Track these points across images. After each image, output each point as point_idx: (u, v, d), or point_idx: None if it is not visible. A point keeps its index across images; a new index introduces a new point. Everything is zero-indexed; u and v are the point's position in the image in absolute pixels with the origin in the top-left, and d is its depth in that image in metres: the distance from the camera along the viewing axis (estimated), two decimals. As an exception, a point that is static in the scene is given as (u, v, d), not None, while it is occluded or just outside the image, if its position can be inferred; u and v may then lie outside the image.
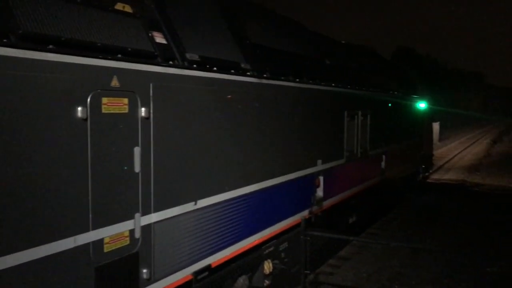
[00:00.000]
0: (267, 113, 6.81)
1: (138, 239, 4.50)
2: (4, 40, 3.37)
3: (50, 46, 3.68)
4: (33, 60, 3.52)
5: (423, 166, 19.42)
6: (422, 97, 17.62)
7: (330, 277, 8.87)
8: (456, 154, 34.09)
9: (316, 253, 7.41)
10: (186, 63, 5.19)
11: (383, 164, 12.62)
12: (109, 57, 4.16)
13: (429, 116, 19.55)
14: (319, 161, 8.53)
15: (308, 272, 6.89)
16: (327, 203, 8.97)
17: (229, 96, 5.91)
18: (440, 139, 40.50)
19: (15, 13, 3.51)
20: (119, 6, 4.84)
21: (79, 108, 3.85)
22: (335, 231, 9.40)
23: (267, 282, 6.92)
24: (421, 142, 18.09)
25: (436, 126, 21.72)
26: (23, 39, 3.50)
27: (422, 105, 17.32)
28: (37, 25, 3.65)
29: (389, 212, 14.38)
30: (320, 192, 8.65)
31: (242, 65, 6.30)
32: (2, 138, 3.32)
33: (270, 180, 6.85)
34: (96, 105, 4.00)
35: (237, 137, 6.08)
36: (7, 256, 3.37)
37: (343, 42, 12.39)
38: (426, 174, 20.93)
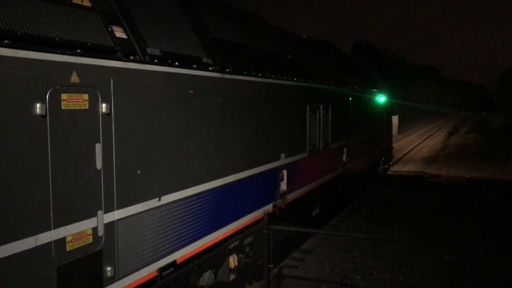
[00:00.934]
0: (229, 108, 6.82)
1: (102, 237, 4.44)
2: (-44, 35, 3.25)
3: (6, 41, 3.57)
4: (-13, 56, 3.41)
5: (383, 159, 19.89)
6: (381, 90, 18.02)
7: (293, 270, 8.95)
8: (415, 146, 35.06)
9: (280, 246, 7.46)
10: (147, 58, 5.14)
11: (344, 157, 12.85)
12: (68, 52, 4.07)
13: (389, 110, 20.02)
14: (282, 155, 8.62)
15: (271, 266, 6.87)
16: (291, 197, 9.07)
17: (191, 91, 5.89)
18: (399, 132, 41.50)
19: (-33, 7, 3.39)
20: (77, 0, 4.74)
21: (38, 105, 3.76)
22: (299, 224, 9.54)
23: (232, 276, 6.95)
24: (381, 135, 18.51)
25: (395, 119, 22.25)
26: (-24, 34, 3.38)
27: (381, 98, 17.72)
28: (-9, 19, 3.53)
29: (350, 203, 14.68)
30: (283, 186, 8.74)
31: (204, 60, 6.28)
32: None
33: (233, 175, 6.87)
34: (55, 102, 3.92)
35: (199, 133, 6.06)
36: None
37: (304, 37, 12.50)
38: (386, 166, 21.45)
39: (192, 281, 5.99)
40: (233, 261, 6.93)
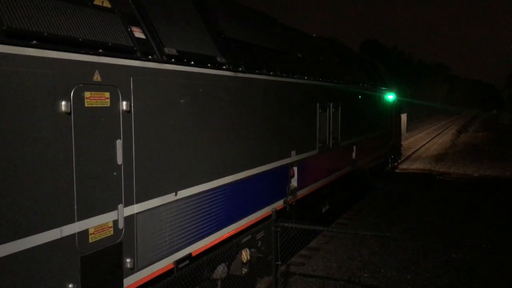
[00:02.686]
0: (242, 106, 6.98)
1: (122, 229, 4.62)
2: (-11, 36, 3.44)
3: (34, 42, 3.75)
4: (18, 56, 3.59)
5: (392, 156, 19.97)
6: (390, 89, 18.10)
7: (301, 268, 9.00)
8: (423, 145, 35.03)
9: (289, 242, 7.54)
10: (164, 58, 5.30)
11: (354, 154, 12.97)
12: (91, 52, 4.25)
13: (398, 108, 20.09)
14: (293, 152, 8.77)
15: (279, 263, 6.92)
16: (301, 193, 9.22)
17: (206, 90, 6.05)
18: (407, 130, 41.48)
19: (0, 12, 3.57)
20: (98, 1, 4.92)
21: (63, 102, 3.94)
22: (308, 220, 9.69)
23: (244, 270, 7.12)
24: (390, 133, 18.60)
25: (403, 117, 22.31)
26: (7, 35, 3.56)
27: (390, 96, 17.80)
28: (21, 21, 3.71)
29: (359, 201, 14.78)
30: (294, 182, 8.90)
31: (218, 59, 6.44)
32: (-11, 132, 3.40)
33: (246, 171, 7.04)
34: (79, 99, 4.10)
35: (213, 130, 6.23)
36: (-4, 247, 3.46)
37: (314, 35, 12.63)
38: (395, 164, 21.51)
39: (206, 274, 6.17)
40: (245, 255, 7.09)
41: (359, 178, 14.11)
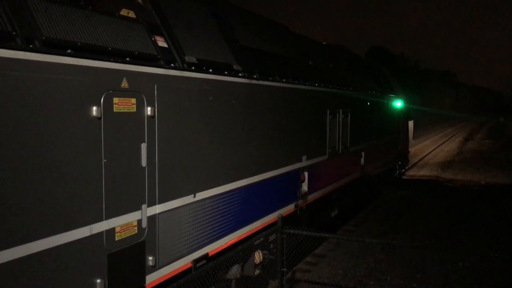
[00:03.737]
0: (256, 112, 7.22)
1: (145, 228, 4.86)
2: (30, 46, 3.70)
3: (69, 51, 4.01)
4: (54, 64, 3.85)
5: (400, 163, 20.12)
6: (398, 96, 18.30)
7: (306, 275, 9.01)
8: (430, 152, 35.11)
9: (296, 247, 7.51)
10: (185, 65, 5.56)
11: (362, 160, 13.17)
12: (119, 60, 4.51)
13: (405, 114, 20.27)
14: (304, 157, 8.99)
15: (285, 270, 6.98)
16: (311, 197, 9.43)
17: (223, 96, 6.30)
18: (413, 137, 41.57)
19: (39, 22, 3.84)
20: (124, 12, 5.20)
21: (94, 108, 4.19)
22: (318, 224, 9.90)
23: (257, 271, 7.33)
24: (397, 139, 18.77)
25: (410, 124, 22.46)
26: (45, 45, 3.82)
27: (398, 103, 17.99)
28: (57, 31, 3.98)
29: (366, 207, 14.92)
30: (305, 187, 9.11)
31: (234, 67, 6.69)
32: (29, 134, 3.65)
33: (260, 175, 7.27)
34: (108, 105, 4.35)
35: (229, 134, 6.47)
36: (32, 243, 3.70)
37: (324, 43, 12.87)
38: (402, 170, 21.66)
39: (222, 274, 6.39)
40: (258, 257, 7.31)
41: (367, 183, 14.29)
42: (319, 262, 9.77)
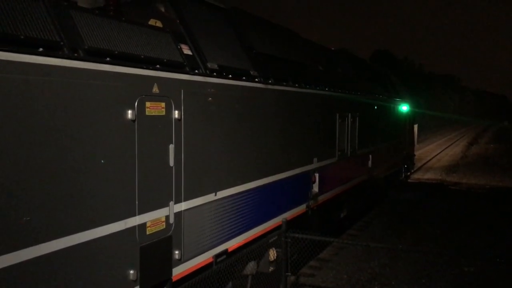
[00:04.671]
0: (271, 115, 7.56)
1: (172, 224, 5.20)
2: (75, 55, 4.05)
3: (108, 59, 4.37)
4: (95, 71, 4.21)
5: (406, 166, 20.42)
6: (404, 100, 18.62)
7: (310, 279, 9.06)
8: (434, 156, 35.34)
9: (304, 249, 7.70)
10: (207, 72, 5.91)
11: (369, 163, 13.49)
12: (151, 67, 4.86)
13: (411, 118, 20.58)
14: (315, 159, 9.33)
15: (289, 274, 7.07)
16: (321, 198, 9.75)
17: (241, 101, 6.65)
18: (418, 141, 41.79)
19: (81, 32, 4.20)
20: (152, 22, 5.56)
21: (129, 111, 4.54)
22: (328, 225, 10.23)
23: (271, 268, 7.65)
24: (404, 142, 19.09)
25: (414, 128, 22.70)
26: (88, 53, 4.18)
27: (404, 107, 18.32)
28: (97, 41, 4.34)
29: (372, 209, 15.19)
30: (315, 188, 9.43)
31: (251, 72, 7.04)
32: (76, 135, 4.01)
33: (275, 176, 7.60)
34: (141, 108, 4.70)
35: (248, 137, 6.82)
36: (76, 235, 4.04)
37: (333, 48, 13.23)
38: (408, 173, 21.94)
39: (239, 269, 6.72)
40: (272, 254, 7.63)
41: (375, 186, 14.60)
42: (323, 267, 9.83)
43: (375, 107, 14.17)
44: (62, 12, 4.16)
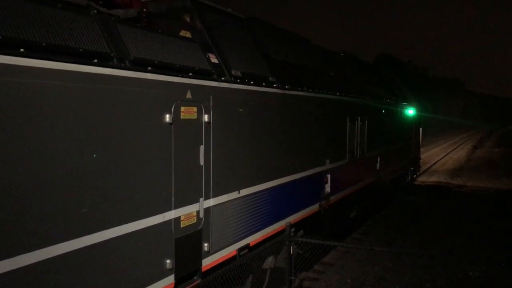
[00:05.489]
0: (288, 119, 8.04)
1: (202, 218, 5.66)
2: (123, 65, 4.54)
3: (149, 68, 4.85)
4: (139, 79, 4.69)
5: (412, 169, 20.84)
6: (411, 104, 19.08)
7: (314, 283, 9.05)
8: (439, 160, 35.63)
9: (311, 251, 7.95)
10: (232, 79, 6.39)
11: (377, 165, 13.93)
12: (185, 75, 5.35)
13: (417, 122, 21.01)
14: (327, 161, 9.79)
15: (293, 278, 7.21)
16: (333, 198, 10.20)
17: (261, 105, 7.12)
18: (422, 145, 42.09)
19: (127, 44, 4.69)
20: (183, 33, 6.05)
21: (167, 115, 5.02)
22: (339, 224, 10.66)
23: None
24: (410, 145, 19.53)
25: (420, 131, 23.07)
26: (133, 63, 4.67)
27: (411, 111, 18.77)
28: (140, 52, 4.82)
29: (379, 211, 15.51)
30: (328, 188, 9.89)
31: (270, 79, 7.52)
32: (121, 137, 4.48)
33: (291, 176, 8.07)
34: (177, 113, 5.18)
35: (267, 138, 7.29)
36: (121, 226, 4.51)
37: (342, 54, 13.70)
38: (414, 176, 22.34)
39: (259, 263, 7.17)
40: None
41: (382, 188, 15.03)
42: (327, 270, 9.80)
43: (383, 111, 14.63)
44: (110, 26, 4.65)
